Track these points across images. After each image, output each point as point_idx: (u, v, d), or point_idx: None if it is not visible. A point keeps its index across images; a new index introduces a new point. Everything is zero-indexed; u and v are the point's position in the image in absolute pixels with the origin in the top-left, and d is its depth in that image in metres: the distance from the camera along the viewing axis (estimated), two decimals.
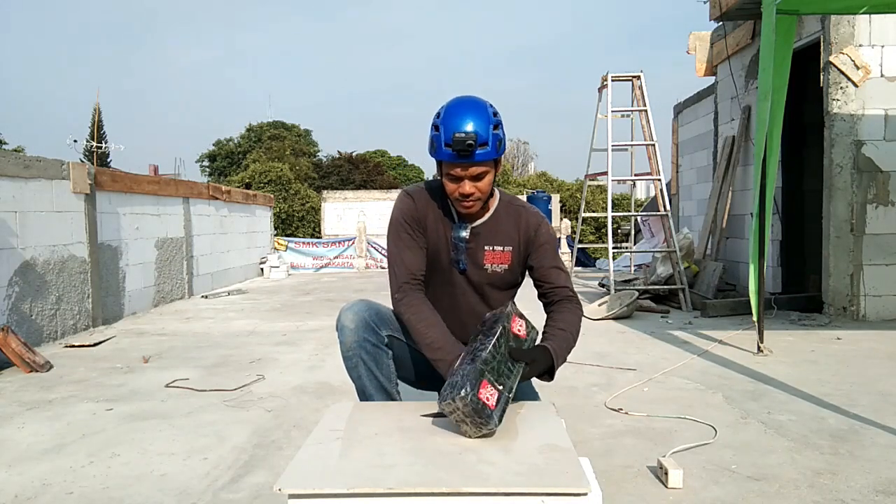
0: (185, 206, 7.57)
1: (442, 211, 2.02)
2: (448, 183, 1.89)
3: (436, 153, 1.86)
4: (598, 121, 7.62)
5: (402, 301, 1.94)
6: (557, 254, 2.07)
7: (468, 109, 1.84)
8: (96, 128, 29.59)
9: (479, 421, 1.43)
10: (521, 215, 2.04)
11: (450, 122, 1.82)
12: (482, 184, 1.88)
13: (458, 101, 1.89)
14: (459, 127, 1.80)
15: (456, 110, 1.85)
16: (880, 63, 5.25)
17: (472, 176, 1.85)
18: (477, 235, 2.01)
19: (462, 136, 1.78)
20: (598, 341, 4.55)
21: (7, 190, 4.46)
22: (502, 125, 1.89)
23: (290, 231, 19.96)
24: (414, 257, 1.98)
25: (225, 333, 5.11)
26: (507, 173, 30.75)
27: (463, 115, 1.82)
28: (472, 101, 1.88)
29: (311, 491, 1.20)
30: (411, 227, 1.99)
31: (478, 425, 1.44)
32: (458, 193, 1.88)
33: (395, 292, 1.97)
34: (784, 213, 6.30)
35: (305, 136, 35.46)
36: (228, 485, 2.12)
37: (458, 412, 1.43)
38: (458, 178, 1.86)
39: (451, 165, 1.85)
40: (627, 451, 2.37)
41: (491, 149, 1.83)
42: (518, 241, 2.02)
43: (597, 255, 13.55)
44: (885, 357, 3.91)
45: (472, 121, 1.81)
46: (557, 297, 2.00)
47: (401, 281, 1.96)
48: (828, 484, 2.05)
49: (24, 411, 2.99)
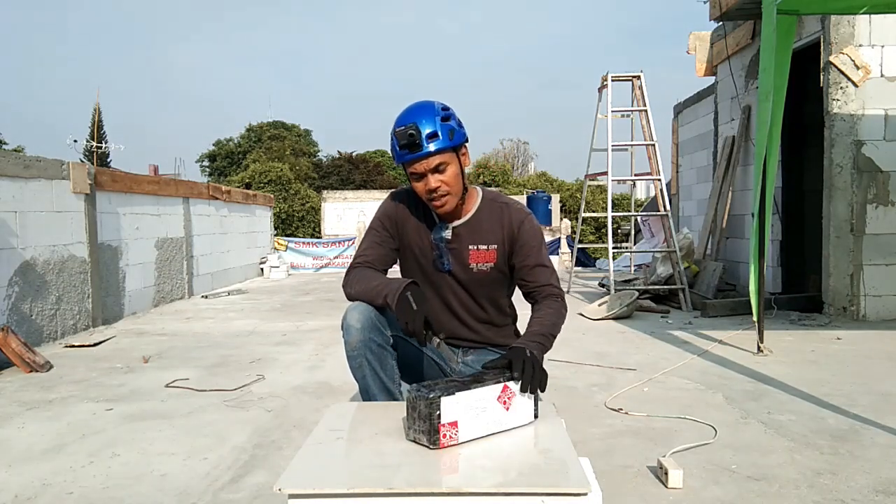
0: (185, 206, 7.58)
1: (425, 212, 2.04)
2: (415, 184, 1.94)
3: (396, 159, 1.92)
4: (598, 121, 7.62)
5: (346, 277, 2.03)
6: (542, 250, 2.04)
7: (412, 110, 1.91)
8: (96, 128, 29.60)
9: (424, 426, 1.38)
10: (504, 212, 2.04)
11: (396, 124, 1.90)
12: (446, 176, 1.90)
13: (406, 107, 1.95)
14: (400, 124, 1.88)
15: (402, 114, 1.92)
16: (880, 63, 5.25)
17: (432, 168, 1.88)
18: (459, 235, 2.02)
19: (402, 129, 1.86)
20: (598, 341, 4.55)
21: (7, 190, 4.46)
22: (455, 117, 1.93)
23: (290, 231, 19.96)
24: (374, 251, 2.06)
25: (225, 333, 5.11)
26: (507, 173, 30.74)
27: (406, 116, 1.90)
28: (417, 103, 1.94)
29: (311, 491, 1.20)
30: (384, 227, 2.07)
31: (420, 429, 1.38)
32: (425, 190, 1.92)
33: (345, 275, 2.05)
34: (784, 213, 6.31)
35: (305, 136, 35.47)
36: (228, 485, 2.12)
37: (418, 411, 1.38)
38: (420, 174, 1.90)
39: (409, 164, 1.90)
40: (627, 451, 2.37)
41: (443, 138, 1.87)
42: (503, 239, 2.02)
43: (597, 255, 13.54)
44: (885, 357, 3.91)
45: (415, 115, 1.88)
46: (541, 294, 2.00)
47: (353, 264, 2.06)
48: (828, 484, 2.05)
49: (24, 411, 2.99)
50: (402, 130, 1.85)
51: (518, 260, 2.02)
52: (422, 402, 1.37)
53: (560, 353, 3.98)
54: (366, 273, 2.00)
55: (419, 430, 1.38)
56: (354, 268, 2.04)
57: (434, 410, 1.35)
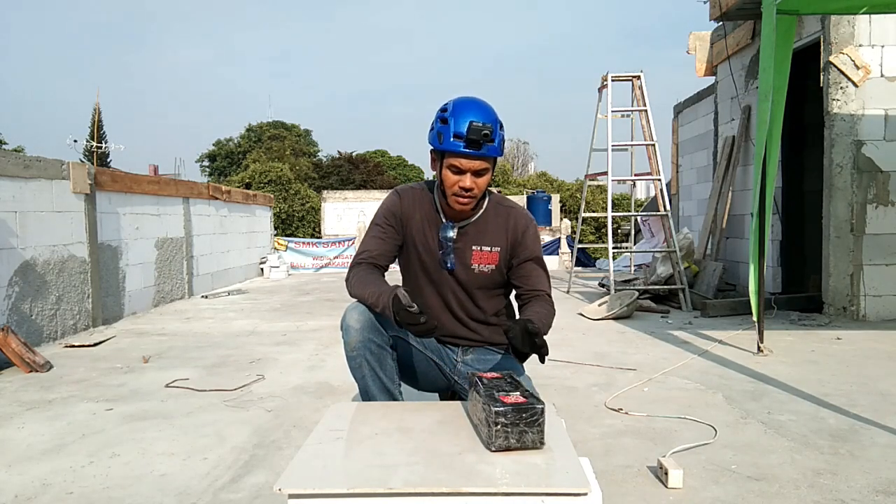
0: (185, 206, 7.57)
1: (430, 211, 2.04)
2: (450, 175, 1.92)
3: (443, 143, 1.89)
4: (598, 121, 7.62)
5: (349, 273, 2.02)
6: (541, 256, 2.09)
7: (480, 106, 1.91)
8: (96, 128, 29.61)
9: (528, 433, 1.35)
10: (510, 216, 2.06)
11: (463, 114, 1.87)
12: (481, 181, 1.93)
13: (468, 98, 1.95)
14: (476, 118, 1.86)
15: (468, 105, 1.90)
16: (880, 63, 5.25)
17: (475, 171, 1.89)
18: (465, 235, 2.03)
19: (479, 125, 1.84)
20: (597, 341, 4.55)
21: (7, 190, 4.46)
22: (504, 129, 1.97)
23: (290, 231, 19.98)
24: (378, 246, 2.05)
25: (225, 333, 5.11)
26: (507, 173, 30.74)
27: (476, 110, 1.88)
28: (481, 101, 1.95)
29: (311, 491, 1.20)
30: (387, 222, 2.06)
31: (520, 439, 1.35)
32: (458, 186, 1.91)
33: (349, 270, 2.04)
34: (784, 213, 6.31)
35: (305, 136, 35.50)
36: (228, 485, 2.12)
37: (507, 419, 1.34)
38: (461, 170, 1.90)
39: (457, 156, 1.88)
40: (627, 451, 2.37)
41: (497, 145, 1.90)
42: (506, 243, 2.04)
43: (597, 255, 13.55)
44: (885, 357, 3.91)
45: (486, 113, 1.88)
46: (531, 295, 2.04)
47: (356, 261, 2.05)
48: (828, 484, 2.05)
49: (24, 411, 2.99)
50: (479, 126, 1.83)
51: (517, 263, 2.05)
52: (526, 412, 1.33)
53: (560, 353, 3.98)
54: (365, 276, 1.99)
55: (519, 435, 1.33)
56: (357, 265, 2.04)
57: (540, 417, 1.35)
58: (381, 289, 1.88)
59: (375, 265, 2.03)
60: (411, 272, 2.11)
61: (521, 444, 1.34)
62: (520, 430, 1.34)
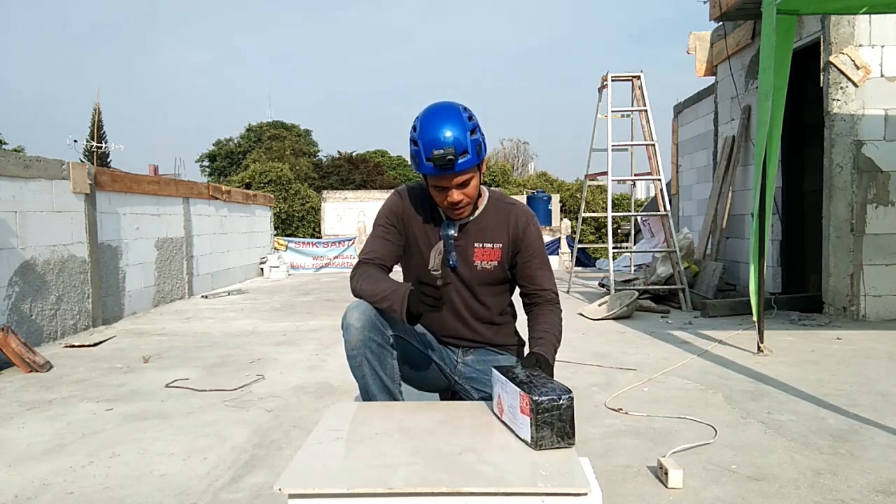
0: (185, 206, 7.58)
1: (432, 210, 2.04)
2: (436, 194, 1.93)
3: (419, 167, 1.88)
4: (598, 121, 7.62)
5: (354, 272, 2.01)
6: (544, 253, 2.08)
7: (443, 120, 1.83)
8: (96, 128, 29.60)
9: (567, 430, 1.42)
10: (511, 213, 2.06)
11: (427, 137, 1.82)
12: (469, 189, 1.92)
13: (432, 111, 1.87)
14: (437, 141, 1.80)
15: (431, 123, 1.83)
16: (880, 63, 5.25)
17: (459, 184, 1.88)
18: (466, 233, 2.03)
19: (441, 152, 1.79)
20: (598, 341, 4.55)
21: (7, 190, 4.46)
22: (479, 127, 1.88)
23: (290, 231, 19.97)
24: (381, 246, 2.05)
25: (225, 333, 5.11)
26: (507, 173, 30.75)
27: (439, 127, 1.81)
28: (445, 110, 1.86)
29: (311, 491, 1.20)
30: (390, 222, 2.06)
31: (562, 435, 1.41)
32: (446, 203, 1.92)
33: (354, 269, 2.04)
34: (784, 213, 6.30)
35: (305, 136, 35.49)
36: (228, 485, 2.12)
37: (551, 413, 1.42)
38: (443, 188, 1.89)
39: (436, 178, 1.87)
40: (627, 451, 2.37)
41: (472, 156, 1.84)
42: (508, 239, 2.04)
43: (597, 255, 13.55)
44: (885, 357, 3.91)
45: (449, 130, 1.80)
46: (540, 298, 2.04)
47: (362, 259, 2.04)
48: (828, 484, 2.05)
49: (24, 411, 2.99)
50: (441, 154, 1.78)
51: (522, 261, 2.05)
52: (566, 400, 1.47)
53: (560, 353, 3.93)
54: (373, 272, 1.97)
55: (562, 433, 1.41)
56: (363, 264, 2.03)
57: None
58: (394, 286, 1.86)
59: (381, 265, 2.03)
60: (414, 271, 2.11)
61: (563, 440, 1.42)
62: (561, 427, 1.45)
